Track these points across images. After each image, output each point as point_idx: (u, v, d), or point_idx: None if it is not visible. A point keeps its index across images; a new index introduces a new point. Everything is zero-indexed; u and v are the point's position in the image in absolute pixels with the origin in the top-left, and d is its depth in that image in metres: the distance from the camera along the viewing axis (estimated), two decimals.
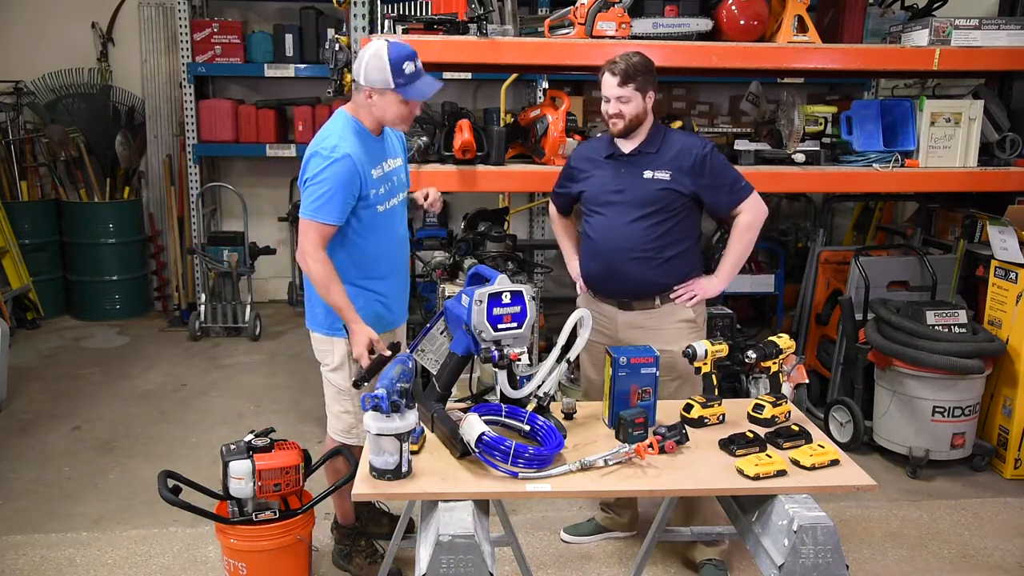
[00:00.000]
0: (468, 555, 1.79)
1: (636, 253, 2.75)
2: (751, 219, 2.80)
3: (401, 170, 2.79)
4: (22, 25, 6.09)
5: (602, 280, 2.86)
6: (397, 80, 2.46)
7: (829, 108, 4.00)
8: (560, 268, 6.64)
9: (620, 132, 2.76)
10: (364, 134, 2.58)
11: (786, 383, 2.45)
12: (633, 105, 2.70)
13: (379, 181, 2.60)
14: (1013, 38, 3.71)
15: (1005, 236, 3.74)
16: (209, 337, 5.77)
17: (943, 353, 3.51)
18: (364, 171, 2.53)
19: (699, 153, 2.73)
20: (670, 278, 2.79)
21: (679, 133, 2.86)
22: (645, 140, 2.78)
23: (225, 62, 5.92)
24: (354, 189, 2.51)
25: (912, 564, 3.08)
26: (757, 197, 2.81)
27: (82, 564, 2.99)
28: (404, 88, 2.48)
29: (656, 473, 2.03)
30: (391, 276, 2.76)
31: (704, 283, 2.83)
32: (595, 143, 2.96)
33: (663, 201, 2.73)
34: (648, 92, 2.72)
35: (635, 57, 2.71)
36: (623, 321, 2.83)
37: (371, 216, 2.60)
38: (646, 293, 2.80)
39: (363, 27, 3.57)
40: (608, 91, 2.71)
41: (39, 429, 4.15)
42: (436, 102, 4.45)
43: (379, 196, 2.61)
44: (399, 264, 2.81)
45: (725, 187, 2.77)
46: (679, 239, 2.78)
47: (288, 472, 2.51)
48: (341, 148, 2.48)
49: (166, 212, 6.31)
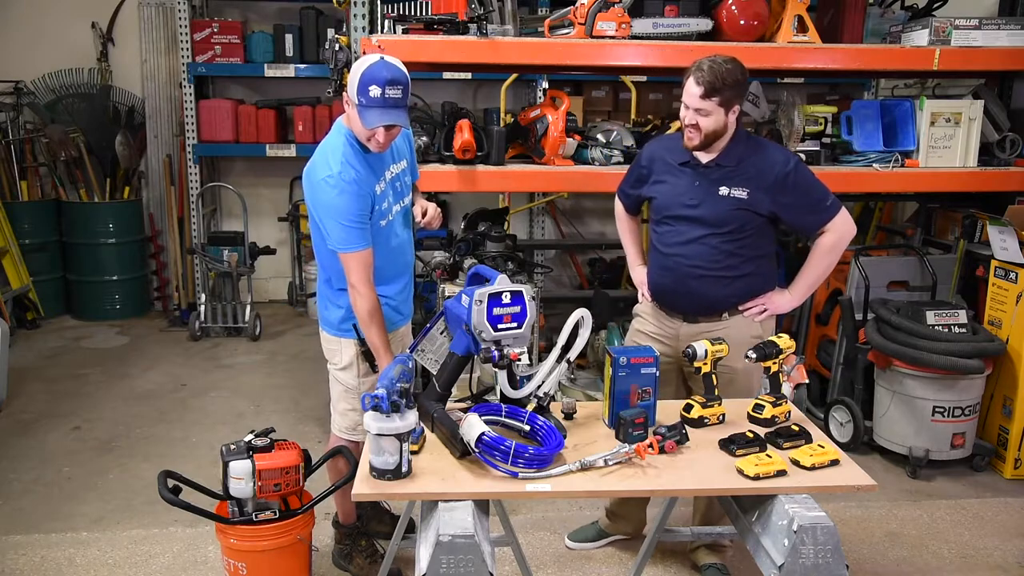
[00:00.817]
0: (468, 555, 1.79)
1: (707, 271, 2.60)
2: (834, 240, 2.60)
3: (406, 173, 2.76)
4: (22, 25, 6.08)
5: (671, 295, 2.73)
6: (360, 98, 2.40)
7: (829, 108, 4.00)
8: (560, 268, 6.68)
9: (695, 147, 2.56)
10: (360, 148, 2.53)
11: (786, 383, 2.44)
12: (712, 120, 2.48)
13: (383, 196, 2.59)
14: (1013, 38, 3.71)
15: (1005, 236, 3.74)
16: (209, 337, 5.77)
17: (943, 353, 3.51)
18: (369, 190, 2.52)
19: (781, 171, 2.53)
20: (741, 296, 2.65)
21: (765, 145, 2.63)
22: (725, 151, 2.57)
23: (225, 62, 5.92)
24: (367, 208, 2.50)
25: (912, 564, 3.08)
26: (845, 216, 2.61)
27: (82, 564, 2.99)
28: (360, 108, 2.41)
29: (656, 473, 2.03)
30: (397, 280, 2.76)
31: (777, 298, 2.67)
32: (669, 142, 2.74)
33: (738, 221, 2.56)
34: (733, 107, 2.49)
35: (726, 65, 2.45)
36: (686, 333, 2.70)
37: (375, 230, 2.57)
38: (714, 310, 2.67)
39: (363, 27, 3.57)
40: (688, 99, 2.49)
41: (39, 429, 4.15)
42: (436, 102, 4.45)
43: (382, 211, 2.59)
44: (404, 267, 2.81)
45: (808, 207, 2.57)
46: (754, 256, 2.62)
47: (288, 472, 2.51)
48: (346, 174, 2.46)
49: (166, 212, 6.31)
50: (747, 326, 2.67)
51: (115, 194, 6.09)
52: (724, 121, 2.51)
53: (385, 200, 2.60)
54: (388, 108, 2.40)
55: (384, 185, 2.60)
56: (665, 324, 2.77)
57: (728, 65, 2.46)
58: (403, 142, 2.77)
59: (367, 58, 2.44)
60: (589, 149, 3.74)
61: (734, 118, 2.54)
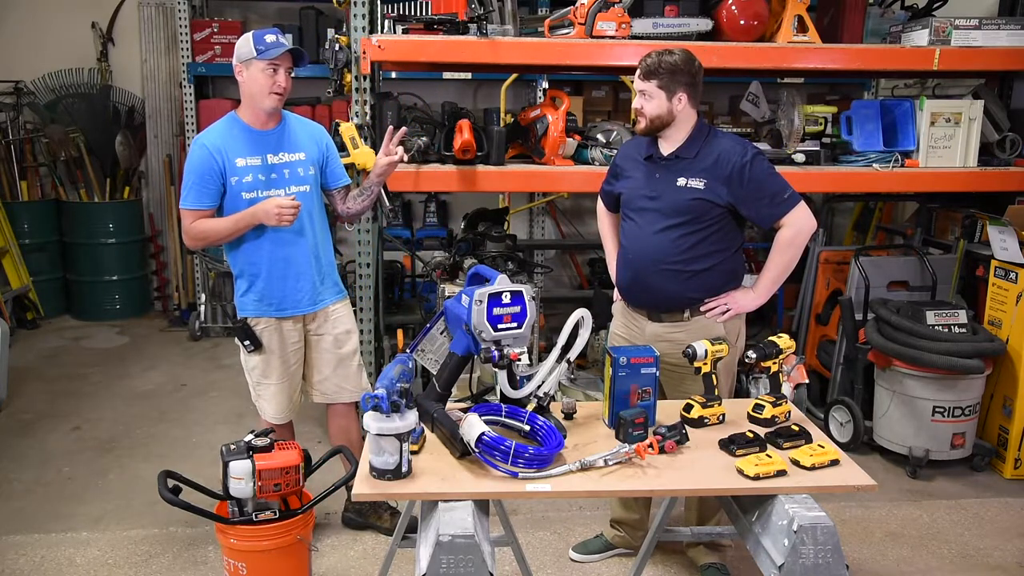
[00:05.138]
0: (468, 555, 1.79)
1: (665, 264, 2.61)
2: (792, 234, 2.58)
3: (302, 165, 2.90)
4: (22, 25, 6.08)
5: (631, 290, 2.76)
6: (257, 47, 2.72)
7: (829, 108, 4.00)
8: (560, 268, 6.68)
9: (642, 131, 2.64)
10: (243, 126, 2.83)
11: (786, 383, 2.44)
12: (655, 104, 2.56)
13: (245, 170, 2.79)
14: (1013, 38, 3.71)
15: (1005, 236, 3.74)
16: (209, 337, 5.77)
17: (943, 353, 3.51)
18: (223, 158, 2.77)
19: (738, 162, 2.53)
20: (701, 292, 2.64)
21: (724, 138, 2.65)
22: (684, 144, 2.61)
23: (225, 62, 5.91)
24: (211, 172, 2.77)
25: (912, 564, 3.08)
26: (804, 210, 2.58)
27: (82, 564, 2.99)
28: (259, 56, 2.72)
29: (656, 473, 2.03)
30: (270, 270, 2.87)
31: (739, 296, 2.66)
32: (641, 140, 2.78)
33: (695, 211, 2.57)
34: (677, 93, 2.54)
35: (671, 55, 2.54)
36: (651, 332, 2.71)
37: (234, 202, 2.81)
38: (675, 306, 2.67)
39: (363, 27, 3.57)
40: (635, 84, 2.61)
41: (39, 429, 4.15)
42: (436, 102, 4.45)
43: (243, 184, 2.80)
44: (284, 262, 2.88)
45: (765, 199, 2.55)
46: (713, 251, 2.62)
47: (288, 472, 2.51)
48: (205, 137, 2.81)
49: (166, 212, 6.31)
50: (710, 327, 2.65)
51: (115, 194, 6.09)
52: (667, 107, 2.56)
53: (249, 175, 2.80)
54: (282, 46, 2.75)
55: (254, 162, 2.81)
56: (631, 323, 2.79)
57: (672, 56, 2.55)
58: (310, 141, 2.94)
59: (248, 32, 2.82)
60: (589, 149, 3.74)
61: (680, 107, 2.57)
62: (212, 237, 2.86)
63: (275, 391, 2.99)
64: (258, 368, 2.96)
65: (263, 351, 2.93)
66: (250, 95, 2.81)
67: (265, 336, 2.92)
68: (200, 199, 2.79)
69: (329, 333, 3.02)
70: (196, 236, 2.84)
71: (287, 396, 3.01)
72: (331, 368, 3.04)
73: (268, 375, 2.96)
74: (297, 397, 3.07)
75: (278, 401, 3.00)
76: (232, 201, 2.82)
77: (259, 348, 2.92)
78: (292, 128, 2.93)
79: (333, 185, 3.03)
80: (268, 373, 2.96)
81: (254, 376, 3.00)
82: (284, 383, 2.98)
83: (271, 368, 2.95)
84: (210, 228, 2.82)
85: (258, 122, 2.85)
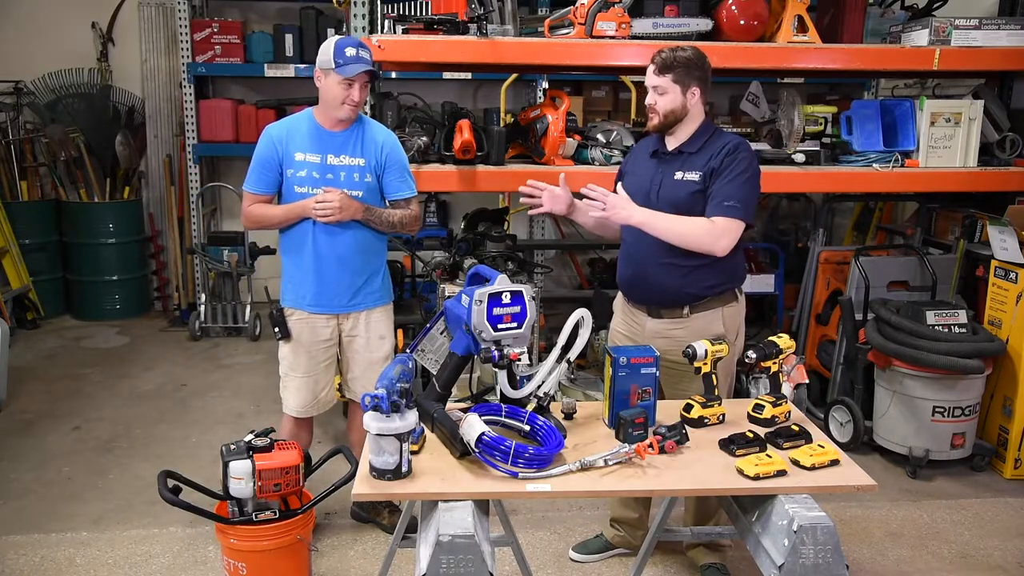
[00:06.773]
0: (468, 555, 1.79)
1: (664, 259, 2.60)
2: (707, 227, 2.51)
3: (358, 170, 2.90)
4: (22, 25, 6.08)
5: (632, 286, 2.77)
6: (336, 60, 2.76)
7: (829, 108, 4.00)
8: (560, 268, 6.68)
9: (655, 127, 2.64)
10: (315, 124, 2.90)
11: (786, 383, 2.45)
12: (669, 99, 2.57)
13: (301, 164, 2.87)
14: (1013, 38, 3.71)
15: (1005, 236, 3.74)
16: (209, 337, 5.77)
17: (943, 353, 3.51)
18: (284, 148, 2.87)
19: (724, 151, 2.55)
20: (700, 288, 2.62)
21: (724, 134, 2.65)
22: (689, 139, 2.62)
23: (225, 62, 5.92)
24: (271, 159, 2.88)
25: (912, 564, 3.08)
26: (731, 229, 2.51)
27: (82, 564, 2.99)
28: (338, 69, 2.76)
29: (656, 473, 2.03)
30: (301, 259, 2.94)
31: (621, 202, 2.55)
32: (650, 139, 2.78)
33: (693, 204, 2.56)
34: (691, 87, 2.56)
35: (684, 51, 2.57)
36: (651, 329, 2.71)
37: (288, 192, 2.92)
38: (674, 302, 2.66)
39: (363, 27, 3.57)
40: (647, 80, 2.61)
41: (39, 429, 4.15)
42: (436, 102, 4.44)
43: (297, 178, 2.88)
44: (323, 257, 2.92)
45: (720, 193, 2.53)
46: None
47: (288, 472, 2.51)
48: (274, 128, 2.91)
49: (166, 212, 6.31)
50: (709, 325, 2.65)
51: (115, 194, 6.09)
52: (681, 101, 2.58)
53: (304, 170, 2.87)
54: (361, 62, 2.79)
55: (313, 159, 2.87)
56: (631, 320, 2.80)
57: (686, 52, 2.57)
58: (373, 148, 2.93)
59: (332, 38, 2.85)
60: (589, 149, 3.74)
61: (694, 101, 2.59)
62: (265, 222, 2.97)
63: (299, 384, 3.02)
64: (287, 359, 3.02)
65: (291, 341, 2.98)
66: (325, 101, 2.86)
67: (296, 328, 2.98)
68: (258, 184, 2.92)
69: (362, 336, 3.03)
70: (251, 218, 2.97)
71: (310, 392, 3.03)
72: (361, 369, 3.06)
73: (295, 367, 3.01)
74: (324, 395, 3.08)
75: (301, 395, 3.03)
76: (288, 191, 2.92)
77: (288, 337, 2.97)
78: (363, 133, 2.94)
79: (389, 196, 3.01)
80: (295, 365, 3.01)
81: (283, 366, 3.05)
82: (309, 378, 3.01)
83: (298, 361, 3.00)
84: (264, 214, 2.95)
85: (328, 123, 2.90)
